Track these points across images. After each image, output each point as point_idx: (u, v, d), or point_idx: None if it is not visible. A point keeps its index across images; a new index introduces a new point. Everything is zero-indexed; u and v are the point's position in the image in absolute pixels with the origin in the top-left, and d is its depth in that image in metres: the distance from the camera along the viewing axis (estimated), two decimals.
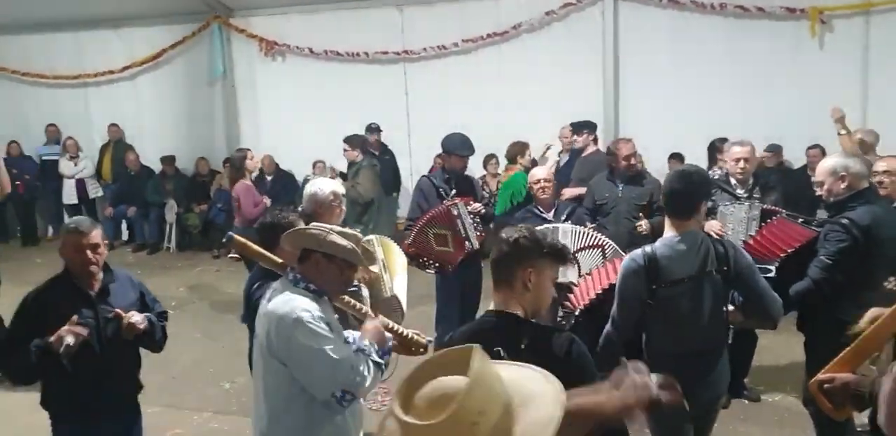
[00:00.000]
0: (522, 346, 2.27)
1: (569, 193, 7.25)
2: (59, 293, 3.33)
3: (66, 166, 11.01)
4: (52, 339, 3.12)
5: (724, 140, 7.38)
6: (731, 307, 3.37)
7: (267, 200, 7.06)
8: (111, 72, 11.14)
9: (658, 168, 7.62)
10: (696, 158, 7.51)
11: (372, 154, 8.38)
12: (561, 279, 4.63)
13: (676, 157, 8.24)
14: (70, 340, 3.10)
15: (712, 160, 7.41)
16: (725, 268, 3.22)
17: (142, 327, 3.37)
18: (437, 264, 5.26)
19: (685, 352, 3.21)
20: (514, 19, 9.06)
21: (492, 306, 2.44)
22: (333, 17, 9.96)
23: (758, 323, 3.74)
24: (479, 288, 5.60)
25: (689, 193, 3.30)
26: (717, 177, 6.85)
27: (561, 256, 2.44)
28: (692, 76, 8.48)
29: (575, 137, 7.45)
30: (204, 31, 10.55)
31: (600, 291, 3.71)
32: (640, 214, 5.52)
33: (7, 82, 11.81)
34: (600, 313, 3.49)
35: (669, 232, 3.29)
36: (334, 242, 2.74)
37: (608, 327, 3.31)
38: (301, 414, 2.77)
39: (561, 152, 8.06)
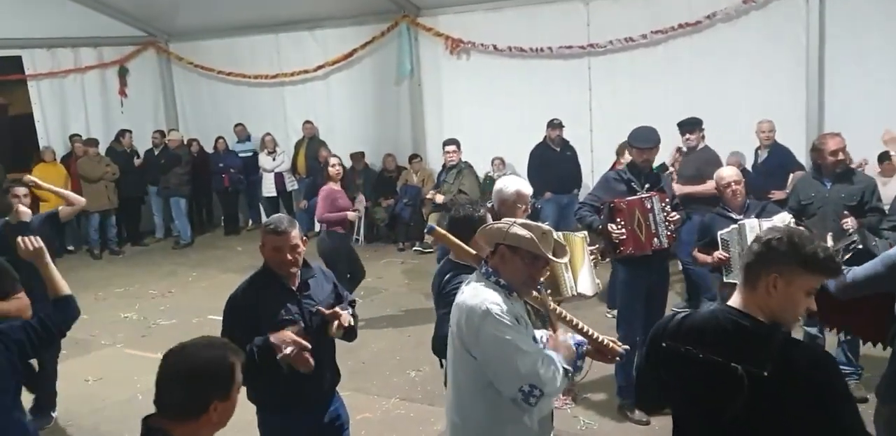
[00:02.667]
0: (766, 373, 2.06)
1: (679, 189, 6.99)
2: (262, 290, 3.39)
3: (265, 161, 11.77)
4: (273, 340, 3.19)
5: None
6: None
7: (352, 214, 7.13)
8: (306, 71, 11.74)
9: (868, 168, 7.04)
10: None
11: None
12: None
13: (885, 156, 7.52)
14: (289, 350, 3.18)
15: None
16: None
17: (347, 323, 3.42)
18: (623, 236, 4.87)
19: None
20: (709, 8, 8.61)
21: (732, 302, 2.26)
22: (518, 12, 9.95)
23: None
24: (666, 290, 5.36)
25: None
26: None
27: (822, 267, 2.16)
28: None
29: (688, 135, 7.22)
30: (393, 30, 10.88)
31: None
32: (847, 213, 5.09)
33: (214, 82, 12.78)
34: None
35: None
36: (515, 234, 2.72)
37: (852, 275, 3.02)
38: (488, 407, 2.77)
39: (759, 149, 7.59)
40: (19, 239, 3.25)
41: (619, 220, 4.91)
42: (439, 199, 7.29)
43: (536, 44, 9.78)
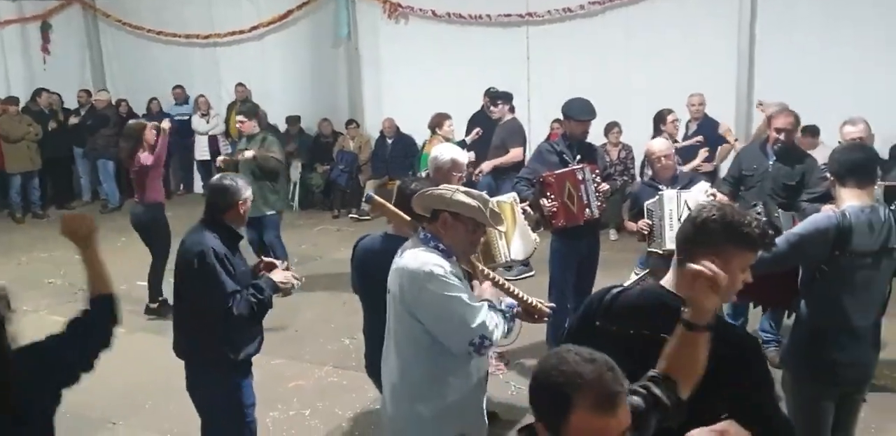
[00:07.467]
0: None
1: (487, 166, 7.40)
2: (228, 241, 3.56)
3: (198, 123, 11.47)
4: (278, 280, 3.54)
5: (671, 111, 7.25)
6: None
7: None
8: (240, 32, 11.47)
9: None
10: (832, 132, 7.05)
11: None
12: None
13: (810, 130, 7.76)
14: (296, 285, 3.64)
15: (657, 131, 7.10)
16: None
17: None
18: (554, 209, 4.97)
19: (842, 328, 3.10)
20: None
21: (665, 281, 2.25)
22: None
23: None
24: (596, 259, 5.49)
25: (871, 161, 3.19)
26: None
27: (759, 244, 2.14)
28: (836, 45, 7.95)
29: (492, 107, 7.72)
30: None
31: None
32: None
33: (145, 42, 12.36)
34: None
35: (855, 202, 3.10)
36: (461, 201, 2.75)
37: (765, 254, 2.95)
38: (430, 368, 2.82)
39: (689, 121, 7.75)
40: (66, 214, 2.73)
41: (549, 194, 4.98)
42: (248, 154, 6.94)
43: (475, 11, 9.74)
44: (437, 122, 7.48)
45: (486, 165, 7.40)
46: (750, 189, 5.18)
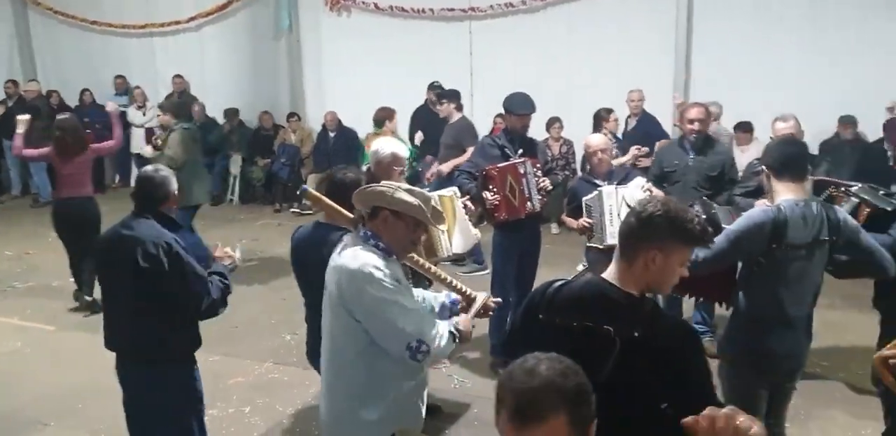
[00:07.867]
0: (636, 334, 2.14)
1: (447, 167, 7.19)
2: (173, 231, 3.50)
3: (134, 116, 11.18)
4: (227, 263, 3.60)
5: (610, 111, 7.57)
6: None
7: None
8: (178, 22, 11.23)
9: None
10: (766, 128, 7.28)
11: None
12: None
13: (744, 126, 7.99)
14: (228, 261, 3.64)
15: (597, 128, 7.31)
16: (835, 237, 3.18)
17: None
18: (497, 202, 4.99)
19: (778, 319, 3.19)
20: None
21: (607, 274, 2.29)
22: None
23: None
24: (538, 252, 5.52)
25: (804, 155, 3.29)
26: None
27: (699, 240, 2.23)
28: (769, 42, 8.20)
29: (438, 106, 7.64)
30: None
31: None
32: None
33: (79, 31, 12.00)
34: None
35: (789, 196, 3.19)
36: (402, 199, 2.71)
37: (703, 253, 3.06)
38: (366, 368, 2.79)
39: (629, 117, 7.89)
40: None
41: (491, 187, 5.00)
42: (147, 151, 6.89)
43: (418, 5, 9.73)
44: (387, 115, 7.34)
45: (446, 166, 7.16)
46: (674, 184, 5.28)
